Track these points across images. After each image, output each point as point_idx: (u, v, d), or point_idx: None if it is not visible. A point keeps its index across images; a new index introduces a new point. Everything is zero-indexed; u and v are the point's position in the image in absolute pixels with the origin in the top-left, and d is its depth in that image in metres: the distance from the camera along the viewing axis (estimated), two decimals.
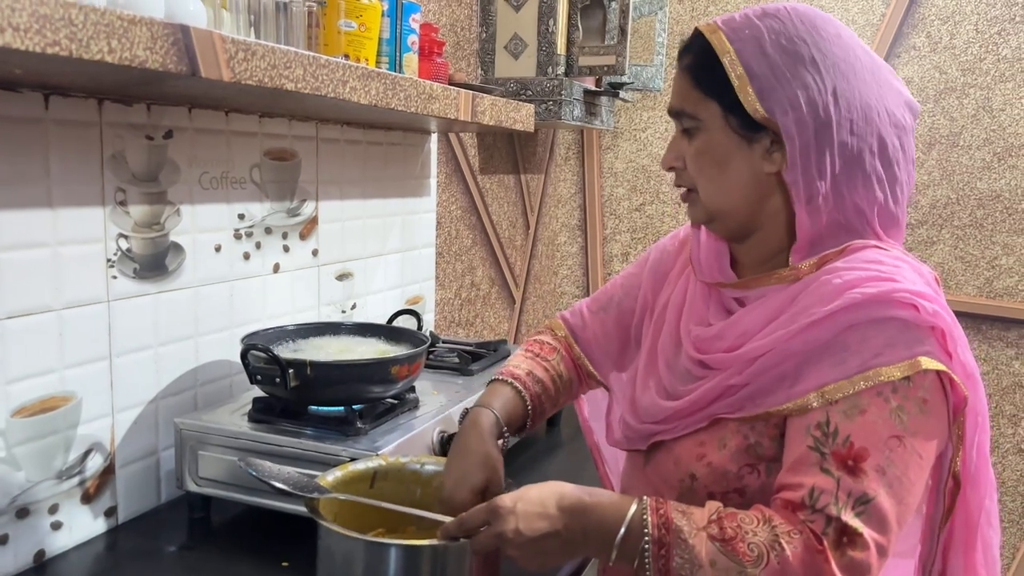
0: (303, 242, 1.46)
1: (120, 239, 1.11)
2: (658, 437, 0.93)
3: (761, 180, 0.86)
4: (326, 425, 1.12)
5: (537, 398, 1.06)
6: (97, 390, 1.09)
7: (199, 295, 1.25)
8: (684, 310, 0.95)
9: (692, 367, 0.91)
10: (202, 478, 1.13)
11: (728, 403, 0.86)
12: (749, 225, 0.89)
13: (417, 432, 1.14)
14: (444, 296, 2.01)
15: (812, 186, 0.84)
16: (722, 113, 0.85)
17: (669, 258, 1.06)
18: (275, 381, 1.09)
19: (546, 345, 1.13)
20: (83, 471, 1.08)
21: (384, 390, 1.15)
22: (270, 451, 1.09)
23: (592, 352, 1.12)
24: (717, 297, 0.93)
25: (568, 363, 1.12)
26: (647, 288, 1.06)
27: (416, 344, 1.24)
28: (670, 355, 0.95)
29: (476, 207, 2.14)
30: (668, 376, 0.94)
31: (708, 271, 0.93)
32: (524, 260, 2.48)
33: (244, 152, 1.31)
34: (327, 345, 1.28)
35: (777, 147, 0.84)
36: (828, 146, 0.83)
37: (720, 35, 0.85)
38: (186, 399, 1.24)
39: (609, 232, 2.70)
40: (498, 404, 1.01)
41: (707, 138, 0.87)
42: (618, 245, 2.70)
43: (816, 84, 0.82)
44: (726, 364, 0.86)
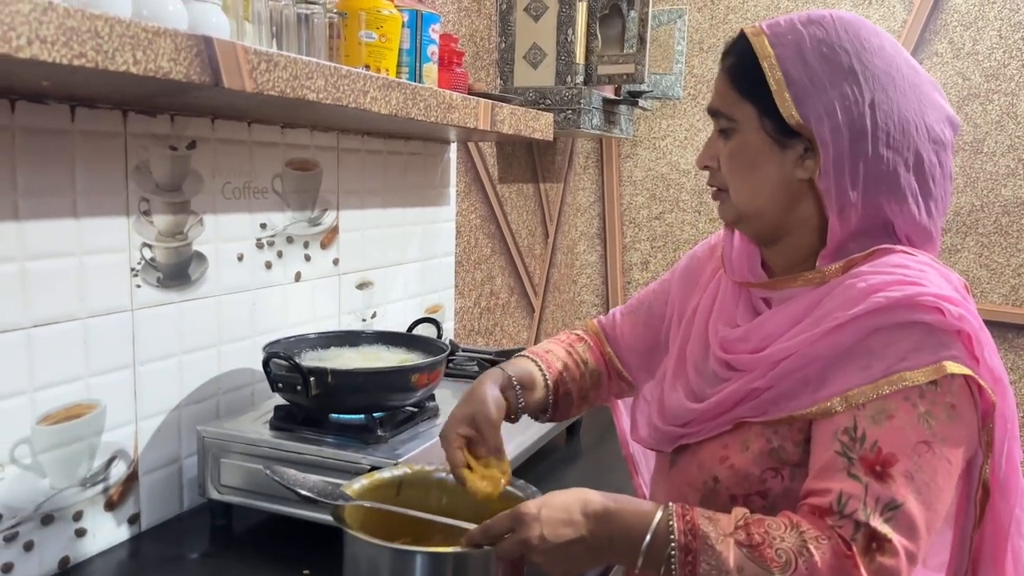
0: (324, 251, 1.47)
1: (144, 248, 1.12)
2: (683, 440, 0.93)
3: (792, 185, 0.86)
4: (347, 433, 1.13)
5: (558, 376, 1.07)
6: (121, 398, 1.10)
7: (221, 304, 1.26)
8: (713, 311, 0.96)
9: (718, 368, 0.91)
10: (224, 486, 1.14)
11: (752, 406, 0.86)
12: (778, 229, 0.89)
13: (433, 442, 1.14)
14: (463, 305, 2.01)
15: (844, 196, 0.84)
16: (758, 116, 0.85)
17: (699, 264, 1.06)
18: (296, 389, 1.09)
19: (573, 335, 1.15)
20: (107, 478, 1.09)
21: (404, 398, 1.16)
22: (291, 459, 1.09)
23: (621, 351, 1.13)
24: (746, 297, 0.93)
25: (596, 355, 1.13)
26: (676, 293, 1.07)
27: (436, 352, 1.24)
28: (699, 357, 0.95)
29: (495, 216, 2.15)
30: (696, 378, 0.94)
31: (739, 270, 0.93)
32: (543, 269, 2.48)
33: (266, 162, 1.32)
34: (348, 354, 1.29)
35: (810, 154, 0.84)
36: (862, 158, 0.83)
37: (763, 39, 0.85)
38: (208, 407, 1.25)
39: (628, 241, 2.70)
40: (511, 368, 1.03)
41: (741, 140, 0.87)
42: (637, 254, 2.69)
43: (854, 95, 0.82)
44: (750, 366, 0.86)
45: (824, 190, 0.84)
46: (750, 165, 0.87)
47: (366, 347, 1.32)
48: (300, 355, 1.26)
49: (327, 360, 1.24)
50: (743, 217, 0.90)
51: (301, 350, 1.27)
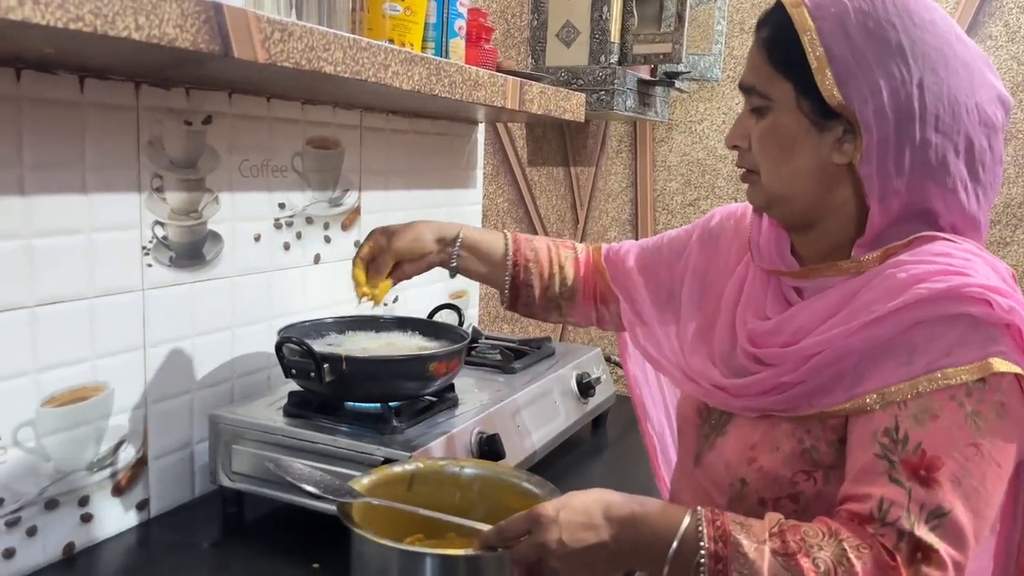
0: (345, 233, 1.43)
1: (156, 227, 1.08)
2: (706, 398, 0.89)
3: (828, 170, 0.80)
4: (362, 422, 1.08)
5: (524, 262, 1.09)
6: (130, 380, 1.07)
7: (237, 285, 1.22)
8: (741, 301, 0.89)
9: (747, 362, 0.85)
10: (236, 473, 1.11)
11: (780, 400, 0.80)
12: (811, 215, 0.83)
13: (455, 432, 1.09)
14: (489, 291, 1.96)
15: (887, 183, 0.77)
16: (795, 95, 0.79)
17: (724, 234, 1.00)
18: (310, 375, 1.05)
19: (568, 243, 1.14)
20: (115, 463, 1.06)
21: (422, 387, 1.11)
22: (304, 447, 1.05)
23: (618, 275, 1.09)
24: (776, 286, 0.87)
25: (579, 271, 1.11)
26: (695, 253, 1.01)
27: (455, 340, 1.19)
28: (726, 350, 0.89)
29: (524, 200, 2.09)
30: (722, 371, 0.88)
31: (768, 257, 0.87)
32: None
33: (286, 140, 1.28)
34: (365, 339, 1.24)
35: (850, 137, 0.78)
36: (908, 142, 0.76)
37: (803, 10, 0.78)
38: (222, 391, 1.21)
39: (661, 228, 2.62)
40: (470, 228, 1.10)
41: (775, 119, 0.81)
42: None
43: (902, 74, 0.75)
44: (780, 360, 0.80)
45: (865, 176, 0.78)
46: (784, 147, 0.81)
47: (385, 333, 1.28)
48: (316, 340, 1.22)
49: (343, 346, 1.20)
50: (774, 201, 0.84)
51: (317, 335, 1.23)
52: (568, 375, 1.43)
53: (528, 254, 1.09)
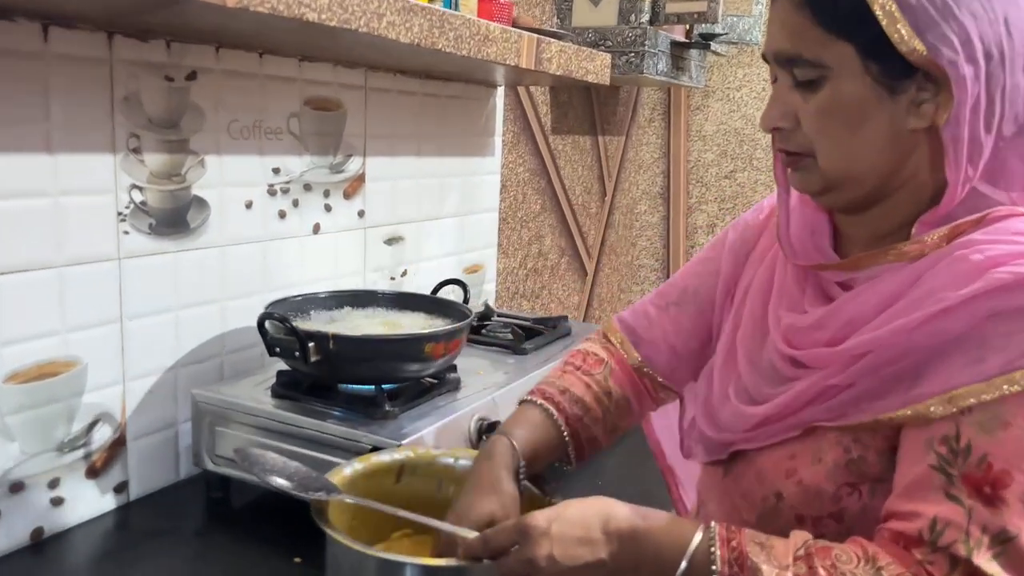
0: (347, 201, 1.34)
1: (133, 190, 1.00)
2: (739, 446, 0.76)
3: (903, 139, 0.67)
4: (353, 406, 1.00)
5: (577, 422, 0.88)
6: (105, 356, 0.99)
7: (227, 256, 1.14)
8: (773, 295, 0.77)
9: (782, 365, 0.73)
10: (220, 456, 1.03)
11: (826, 408, 0.68)
12: (877, 193, 0.70)
13: (452, 419, 1.00)
14: (508, 265, 1.86)
15: (976, 143, 0.65)
16: (859, 58, 0.65)
17: (752, 234, 0.87)
18: (294, 354, 0.96)
19: (591, 356, 0.93)
20: (88, 443, 0.99)
21: (419, 369, 1.02)
22: (290, 432, 0.97)
23: (661, 358, 0.92)
24: (814, 280, 0.74)
25: (622, 378, 0.92)
26: (728, 271, 0.87)
27: (457, 319, 1.10)
28: (753, 349, 0.77)
29: (546, 170, 1.98)
30: (751, 375, 0.76)
31: (802, 251, 0.75)
32: (599, 230, 2.31)
33: (281, 99, 1.19)
34: (362, 317, 1.16)
35: (928, 96, 0.65)
36: (998, 91, 0.64)
37: None
38: (211, 368, 1.14)
39: (694, 202, 2.50)
40: (521, 432, 0.83)
41: (835, 90, 0.67)
42: (704, 216, 2.49)
43: (985, 12, 0.63)
44: (826, 361, 0.68)
45: (951, 139, 0.65)
46: (850, 121, 0.67)
47: (384, 310, 1.19)
48: (309, 316, 1.14)
49: (339, 323, 1.12)
50: (835, 185, 0.70)
51: (312, 310, 1.15)
52: None
53: (576, 410, 0.87)
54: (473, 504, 0.76)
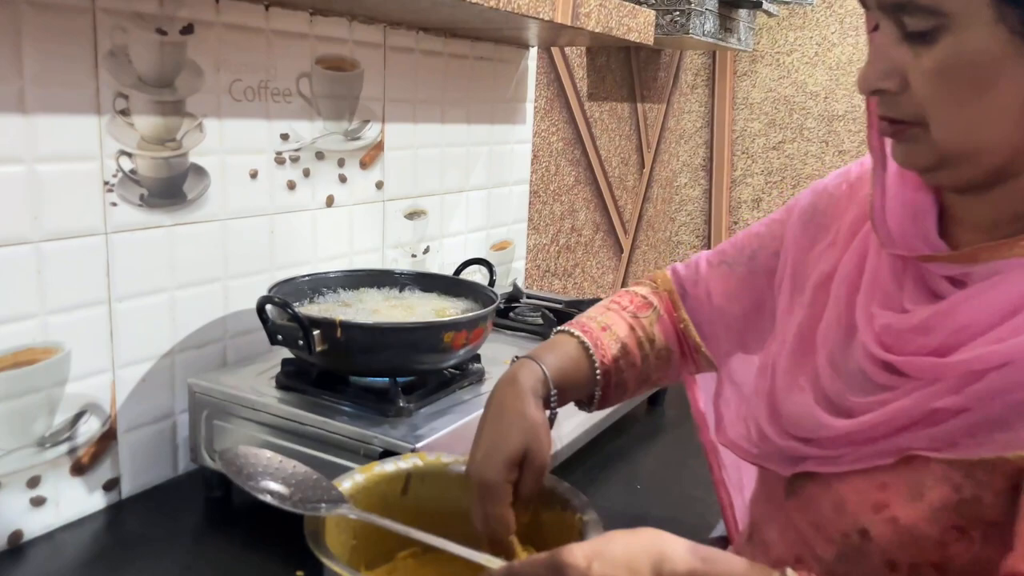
0: (364, 172, 1.22)
1: (121, 157, 0.90)
2: (810, 466, 0.64)
3: None
4: (364, 400, 0.90)
5: (613, 363, 0.79)
6: (92, 341, 0.90)
7: (229, 230, 1.03)
8: (863, 287, 0.64)
9: (873, 371, 0.60)
10: (219, 452, 0.94)
11: (931, 435, 0.56)
12: (1003, 171, 0.56)
13: (473, 418, 0.89)
14: (538, 242, 1.74)
15: None
16: (992, 4, 0.51)
17: (830, 205, 0.74)
18: (298, 343, 0.86)
19: (638, 297, 0.84)
20: (73, 437, 0.90)
21: (436, 360, 0.91)
22: (294, 428, 0.87)
23: (704, 319, 0.83)
24: (915, 272, 0.61)
25: (667, 327, 0.83)
26: (794, 241, 0.75)
27: (481, 303, 0.99)
28: (837, 348, 0.64)
29: (581, 139, 1.85)
30: (833, 380, 0.63)
31: (902, 238, 0.61)
32: (636, 204, 2.18)
33: (290, 58, 1.07)
34: (378, 299, 1.05)
35: None
36: None
37: None
38: (211, 354, 1.04)
39: (739, 174, 2.35)
40: (551, 358, 0.75)
41: (957, 43, 0.53)
42: (748, 189, 2.34)
43: None
44: (932, 373, 0.55)
45: None
46: (977, 82, 0.54)
47: (402, 292, 1.08)
48: (318, 298, 1.03)
49: (349, 307, 1.01)
50: (951, 161, 0.56)
51: (322, 291, 1.04)
52: None
53: (614, 350, 0.79)
54: (501, 438, 0.67)
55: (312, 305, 1.01)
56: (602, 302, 0.85)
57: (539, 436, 0.68)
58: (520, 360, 0.75)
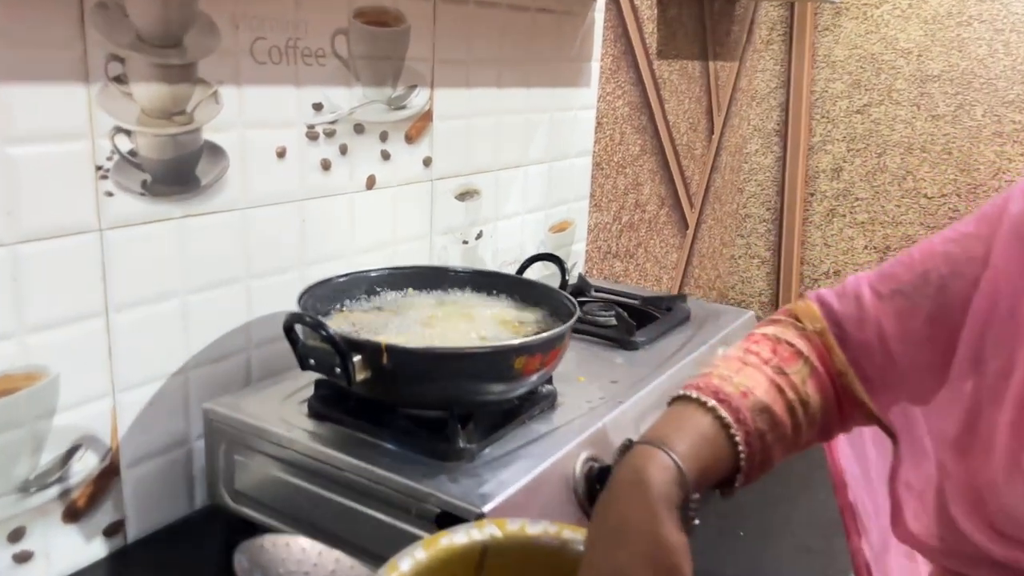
0: (410, 146, 1.04)
1: (117, 136, 0.72)
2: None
3: None
4: (415, 437, 0.73)
5: (759, 439, 0.61)
6: (85, 361, 0.74)
7: (252, 221, 0.86)
8: None
9: None
10: (240, 493, 0.78)
11: None
12: None
13: (551, 464, 0.72)
14: (600, 220, 1.55)
15: None
16: None
17: None
18: (335, 371, 0.69)
19: (783, 345, 0.65)
20: (65, 477, 0.74)
21: (505, 390, 0.74)
22: (327, 472, 0.71)
23: (874, 370, 0.64)
24: None
25: (823, 382, 0.65)
26: (1010, 264, 0.56)
27: (559, 316, 0.81)
28: None
29: (649, 103, 1.64)
30: None
31: None
32: (703, 174, 1.97)
33: (323, 12, 0.89)
34: (430, 304, 0.88)
35: None
36: None
37: None
38: (233, 368, 0.88)
39: (817, 141, 2.12)
40: (683, 445, 0.57)
41: None
42: (828, 158, 2.11)
43: None
44: None
45: None
46: None
47: (457, 293, 0.91)
48: (357, 302, 0.86)
49: (394, 314, 0.84)
50: None
51: (362, 294, 0.87)
52: (712, 351, 1.02)
53: (760, 423, 0.61)
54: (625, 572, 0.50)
55: (350, 314, 0.84)
56: (733, 350, 0.66)
57: (679, 569, 0.50)
58: (640, 448, 0.56)
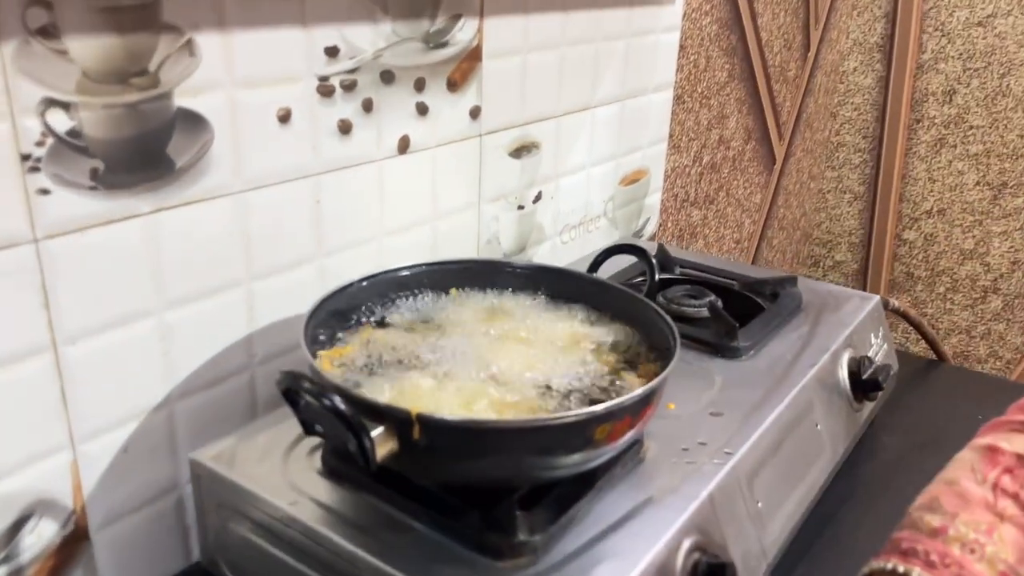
0: (454, 95, 0.82)
1: (50, 111, 0.52)
2: None
3: None
4: (455, 522, 0.54)
5: None
6: (28, 411, 0.56)
7: (249, 208, 0.66)
8: None
9: None
10: (236, 567, 0.61)
11: None
12: None
13: (650, 562, 0.53)
14: (678, 163, 1.32)
15: None
16: None
17: None
18: (348, 448, 0.50)
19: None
20: (13, 555, 0.58)
21: (580, 462, 0.54)
22: (336, 567, 0.53)
23: None
24: None
25: None
26: None
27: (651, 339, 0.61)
28: None
29: (740, 18, 1.37)
30: None
31: None
32: (796, 99, 1.69)
33: None
34: (477, 316, 0.68)
35: None
36: None
37: None
38: (231, 394, 0.70)
39: (928, 58, 1.81)
40: None
41: None
42: (939, 78, 1.81)
43: None
44: None
45: None
46: None
47: (514, 297, 0.71)
48: (384, 311, 0.67)
49: (428, 334, 0.64)
50: None
51: (387, 301, 0.68)
52: (835, 359, 0.81)
53: None
54: None
55: (374, 333, 0.64)
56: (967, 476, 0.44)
57: None
58: None
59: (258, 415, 0.72)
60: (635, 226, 1.21)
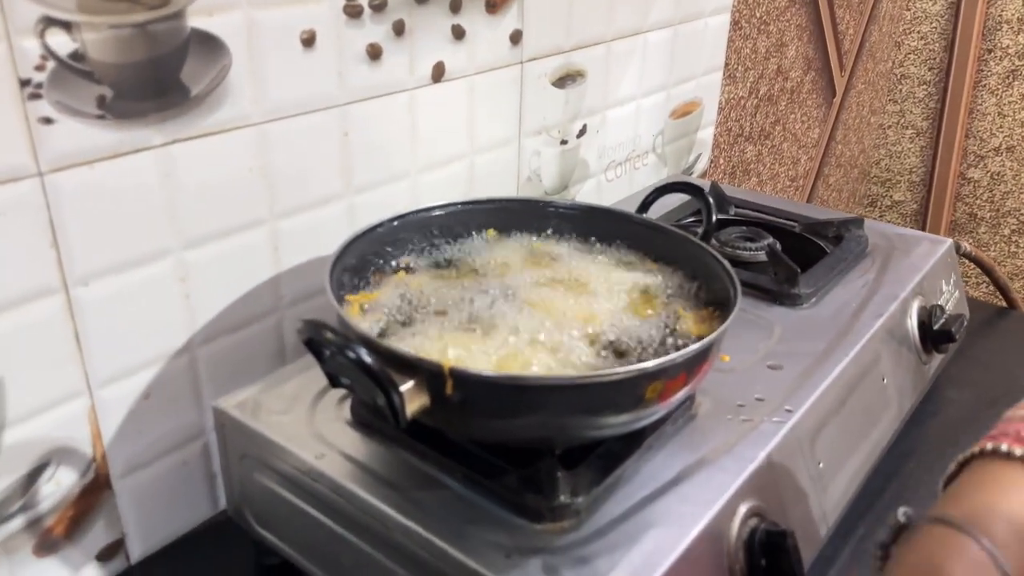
0: (493, 17, 0.76)
1: (50, 31, 0.48)
2: None
3: None
4: (492, 481, 0.50)
5: None
6: (41, 355, 0.53)
7: (271, 141, 0.62)
8: None
9: None
10: (262, 520, 0.59)
11: None
12: None
13: (704, 528, 0.48)
14: (733, 95, 1.24)
15: None
16: None
17: None
18: (376, 403, 0.46)
19: None
20: (31, 504, 0.56)
21: (629, 421, 0.49)
22: (364, 524, 0.50)
23: None
24: None
25: None
26: None
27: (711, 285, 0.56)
28: None
29: None
30: None
31: None
32: (859, 26, 1.58)
33: None
34: (518, 258, 0.63)
35: None
36: None
37: None
38: (260, 337, 0.66)
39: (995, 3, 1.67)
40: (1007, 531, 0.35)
41: None
42: (1015, 4, 1.67)
43: None
44: None
45: None
46: None
47: (557, 245, 0.65)
48: (415, 255, 0.62)
49: (464, 277, 0.59)
50: None
51: (417, 243, 0.63)
52: (904, 308, 0.75)
53: None
54: None
55: (407, 277, 0.60)
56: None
57: None
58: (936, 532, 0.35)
59: (287, 361, 0.68)
60: (685, 163, 1.14)
